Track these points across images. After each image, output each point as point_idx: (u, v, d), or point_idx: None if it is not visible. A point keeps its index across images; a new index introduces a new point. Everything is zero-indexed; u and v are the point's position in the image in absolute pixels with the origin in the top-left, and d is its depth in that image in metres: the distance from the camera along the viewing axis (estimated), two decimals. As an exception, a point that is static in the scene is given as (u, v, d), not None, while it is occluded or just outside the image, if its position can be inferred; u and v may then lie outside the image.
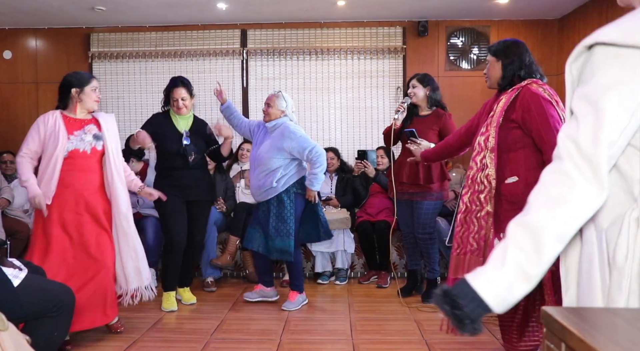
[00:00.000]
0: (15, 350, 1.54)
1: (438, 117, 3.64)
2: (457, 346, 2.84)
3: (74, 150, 2.82)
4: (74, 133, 2.84)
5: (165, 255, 3.58)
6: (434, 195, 3.62)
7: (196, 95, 5.42)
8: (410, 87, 3.67)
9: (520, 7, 4.87)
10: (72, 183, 2.82)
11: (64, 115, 2.89)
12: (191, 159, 3.43)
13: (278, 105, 3.53)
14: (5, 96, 5.53)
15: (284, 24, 5.35)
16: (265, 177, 3.47)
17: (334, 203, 4.58)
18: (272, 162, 3.45)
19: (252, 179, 3.61)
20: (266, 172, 3.46)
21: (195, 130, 3.56)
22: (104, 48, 5.40)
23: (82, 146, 2.85)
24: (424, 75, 3.70)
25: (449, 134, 3.32)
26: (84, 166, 2.85)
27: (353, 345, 2.88)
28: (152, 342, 2.95)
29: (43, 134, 2.81)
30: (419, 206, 3.64)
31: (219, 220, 4.38)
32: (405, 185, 3.61)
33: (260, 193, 3.53)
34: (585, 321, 0.85)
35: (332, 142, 5.34)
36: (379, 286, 4.18)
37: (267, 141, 3.52)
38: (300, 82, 5.42)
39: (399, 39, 5.35)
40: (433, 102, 3.66)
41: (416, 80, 3.67)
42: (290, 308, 3.54)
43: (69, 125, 2.85)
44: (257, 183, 3.51)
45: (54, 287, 2.19)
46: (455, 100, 5.40)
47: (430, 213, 3.65)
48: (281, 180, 3.46)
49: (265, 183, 3.47)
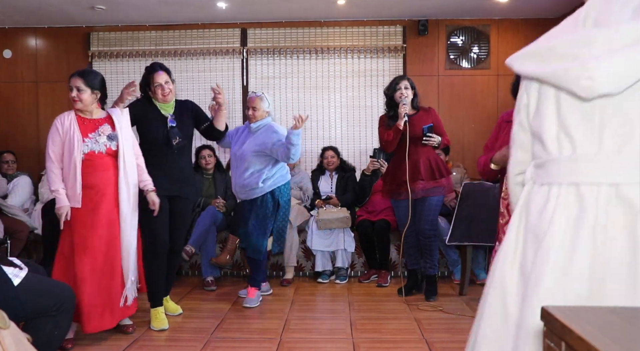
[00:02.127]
0: (16, 349, 1.54)
1: (428, 114, 3.71)
2: (457, 345, 2.84)
3: (90, 152, 2.84)
4: (89, 136, 2.85)
5: (149, 261, 3.10)
6: (442, 189, 3.68)
7: (196, 95, 5.48)
8: (401, 88, 3.64)
9: (521, 6, 4.86)
10: (95, 184, 2.84)
11: (78, 116, 2.90)
12: (174, 142, 3.12)
13: (263, 107, 3.56)
14: (5, 95, 5.52)
15: (284, 23, 5.35)
16: (250, 176, 3.48)
17: (334, 202, 4.58)
18: (257, 160, 3.48)
19: (236, 177, 3.58)
20: (251, 170, 3.48)
21: (180, 114, 3.25)
22: (104, 47, 5.40)
23: (97, 148, 2.86)
24: (411, 80, 3.74)
25: (440, 126, 3.69)
26: (103, 165, 2.87)
27: (353, 344, 2.88)
28: (152, 341, 2.96)
29: (63, 134, 2.84)
30: (428, 201, 3.65)
31: (219, 220, 4.38)
32: (422, 182, 3.61)
33: (244, 192, 3.55)
34: (585, 320, 0.85)
35: (332, 140, 5.34)
36: (379, 285, 4.18)
37: (250, 139, 3.53)
38: (300, 81, 5.41)
39: (399, 38, 5.35)
40: (416, 104, 3.74)
41: (408, 83, 3.68)
42: (251, 304, 3.56)
43: (83, 127, 2.86)
44: (242, 182, 3.52)
45: (54, 286, 2.20)
46: (455, 99, 5.41)
47: (437, 208, 3.71)
48: (267, 181, 3.50)
49: (250, 183, 3.49)
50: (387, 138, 3.64)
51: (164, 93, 3.16)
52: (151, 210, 3.03)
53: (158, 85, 3.16)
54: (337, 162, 4.78)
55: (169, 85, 3.18)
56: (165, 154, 3.17)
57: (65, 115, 2.88)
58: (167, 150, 3.17)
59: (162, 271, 3.17)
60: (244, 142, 3.56)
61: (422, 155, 3.63)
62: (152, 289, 3.15)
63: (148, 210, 3.05)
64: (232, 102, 5.41)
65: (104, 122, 2.94)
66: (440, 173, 3.65)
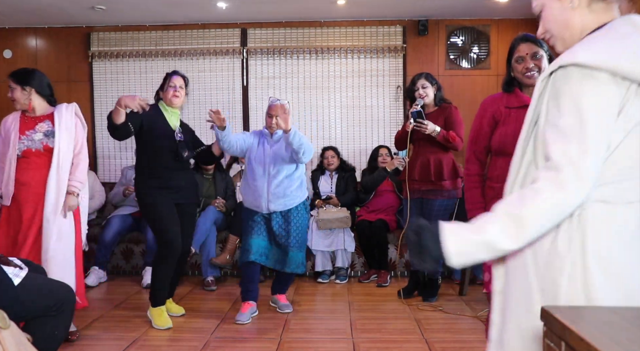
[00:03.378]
0: (17, 349, 1.54)
1: (442, 110, 3.61)
2: (457, 345, 2.85)
3: (27, 150, 2.84)
4: (26, 133, 2.86)
5: (159, 264, 3.16)
6: (445, 193, 3.53)
7: (196, 95, 5.48)
8: (419, 88, 3.58)
9: (520, 6, 4.86)
10: (28, 182, 2.83)
11: (22, 114, 2.94)
12: (185, 155, 3.17)
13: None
14: (5, 95, 5.51)
15: (284, 23, 5.35)
16: (291, 185, 3.33)
17: (334, 202, 4.58)
18: (295, 168, 3.35)
19: (274, 187, 3.29)
20: (287, 181, 3.32)
21: (184, 131, 3.31)
22: (104, 47, 5.40)
23: (34, 146, 2.85)
24: (429, 74, 3.67)
25: (453, 125, 3.50)
26: (39, 164, 2.85)
27: (353, 343, 2.89)
28: (152, 341, 2.96)
29: (4, 133, 2.90)
30: (430, 204, 3.55)
31: (219, 220, 4.38)
32: (417, 183, 3.56)
33: (283, 202, 3.32)
34: (585, 320, 0.85)
35: (332, 140, 5.33)
36: (379, 285, 4.18)
37: (277, 147, 3.34)
38: (300, 81, 5.41)
39: (399, 38, 5.35)
40: (440, 99, 3.65)
41: (425, 80, 3.61)
42: (289, 309, 3.51)
43: (23, 125, 2.89)
44: (283, 191, 3.30)
45: (54, 286, 2.19)
46: (456, 99, 5.37)
47: (441, 212, 3.54)
48: (301, 188, 3.40)
49: (293, 191, 3.34)
50: (396, 136, 3.75)
51: (175, 94, 3.20)
52: (157, 205, 3.08)
53: (173, 85, 3.21)
54: (337, 162, 4.78)
55: (181, 91, 3.24)
56: (170, 163, 3.18)
57: (12, 115, 2.95)
58: (174, 159, 3.18)
59: (169, 274, 3.21)
60: (271, 149, 3.36)
61: (428, 155, 3.55)
62: (159, 289, 3.17)
63: (159, 214, 3.08)
64: (232, 103, 5.41)
65: (46, 118, 2.92)
66: (440, 175, 3.52)
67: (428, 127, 3.42)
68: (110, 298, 3.89)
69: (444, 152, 3.56)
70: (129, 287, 4.18)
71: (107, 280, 4.38)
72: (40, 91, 2.95)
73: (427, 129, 3.42)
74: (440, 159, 3.54)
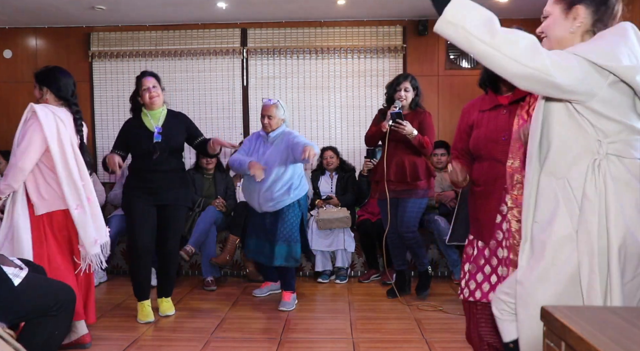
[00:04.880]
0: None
1: (417, 114, 3.64)
2: (457, 345, 2.84)
3: None
4: None
5: (130, 262, 3.35)
6: (419, 192, 3.62)
7: (196, 95, 5.49)
8: (401, 90, 3.62)
9: (520, 6, 4.87)
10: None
11: None
12: (155, 156, 3.16)
13: (278, 115, 3.50)
14: (5, 95, 5.52)
15: (284, 23, 5.35)
16: (280, 189, 3.41)
17: (334, 202, 4.58)
18: (284, 171, 3.42)
19: (261, 191, 3.42)
20: (280, 183, 3.41)
21: (170, 126, 3.27)
22: (104, 47, 5.40)
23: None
24: (414, 78, 3.70)
25: (425, 130, 3.56)
26: None
27: (353, 343, 2.89)
28: (152, 341, 2.96)
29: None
30: (405, 204, 3.62)
31: (219, 220, 4.38)
32: (393, 183, 3.58)
33: (272, 205, 3.44)
34: (585, 320, 0.85)
35: (332, 140, 5.34)
36: (384, 282, 4.18)
37: (271, 150, 3.44)
38: (300, 81, 5.42)
39: (399, 38, 5.35)
40: (415, 104, 3.68)
41: (409, 84, 3.65)
42: (289, 307, 3.54)
43: None
44: (271, 195, 3.40)
45: (54, 286, 2.19)
46: (455, 99, 5.41)
47: (415, 211, 3.64)
48: (295, 190, 3.47)
49: (281, 195, 3.42)
50: (368, 133, 3.75)
51: (150, 96, 3.22)
52: (131, 206, 3.20)
53: (146, 88, 3.24)
54: (337, 162, 4.79)
55: (156, 90, 3.24)
56: (149, 165, 3.21)
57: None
58: (153, 161, 3.20)
59: (145, 270, 3.30)
60: (265, 153, 3.45)
61: (402, 157, 3.58)
62: (136, 285, 3.32)
63: (129, 214, 3.23)
64: (232, 103, 5.41)
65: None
66: (416, 175, 3.57)
67: (406, 129, 3.43)
68: (110, 298, 3.89)
69: (417, 154, 3.62)
70: (129, 287, 4.14)
71: (107, 280, 4.38)
72: (56, 91, 2.82)
73: (404, 130, 3.43)
74: (414, 160, 3.60)
